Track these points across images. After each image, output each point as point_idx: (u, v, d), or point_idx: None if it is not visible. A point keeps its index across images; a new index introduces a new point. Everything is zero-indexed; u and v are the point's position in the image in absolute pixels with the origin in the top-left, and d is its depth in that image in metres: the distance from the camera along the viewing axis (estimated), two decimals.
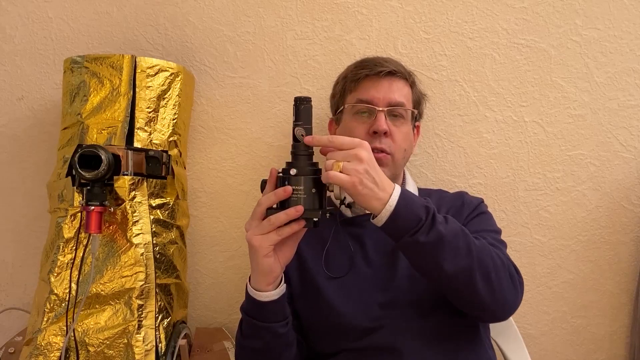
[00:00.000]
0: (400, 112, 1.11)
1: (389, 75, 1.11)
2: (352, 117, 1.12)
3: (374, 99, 1.09)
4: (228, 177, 1.38)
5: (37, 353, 1.06)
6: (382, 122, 1.07)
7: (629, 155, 1.36)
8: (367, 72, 1.11)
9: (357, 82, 1.12)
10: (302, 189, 0.85)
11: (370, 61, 1.14)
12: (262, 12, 1.36)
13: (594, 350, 1.39)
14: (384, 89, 1.10)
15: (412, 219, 0.86)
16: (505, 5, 1.35)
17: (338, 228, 1.09)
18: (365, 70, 1.12)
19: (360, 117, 1.11)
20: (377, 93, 1.10)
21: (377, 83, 1.11)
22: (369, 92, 1.10)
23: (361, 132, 1.09)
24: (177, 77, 1.21)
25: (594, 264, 1.38)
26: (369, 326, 1.00)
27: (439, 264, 0.87)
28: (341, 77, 1.18)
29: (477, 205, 1.14)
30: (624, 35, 1.34)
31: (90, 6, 1.37)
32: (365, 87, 1.11)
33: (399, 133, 1.10)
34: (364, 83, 1.12)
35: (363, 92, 1.11)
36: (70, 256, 1.10)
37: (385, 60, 1.14)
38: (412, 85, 1.16)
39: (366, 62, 1.15)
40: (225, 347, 1.26)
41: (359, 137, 1.06)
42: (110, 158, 1.04)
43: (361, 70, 1.12)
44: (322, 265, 1.07)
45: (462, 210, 1.11)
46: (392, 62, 1.14)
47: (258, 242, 0.86)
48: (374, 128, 1.07)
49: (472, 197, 1.17)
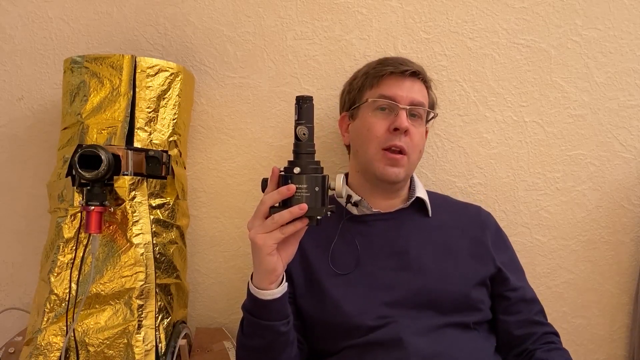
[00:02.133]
0: (420, 112, 1.12)
1: (413, 75, 1.12)
2: (372, 112, 1.12)
3: (396, 96, 1.10)
4: (228, 177, 1.38)
5: (37, 353, 1.06)
6: (404, 119, 1.07)
7: (629, 155, 1.36)
8: (392, 70, 1.12)
9: (380, 78, 1.12)
10: (306, 187, 0.85)
11: (394, 60, 1.15)
12: (262, 12, 1.36)
13: (594, 350, 1.39)
14: (407, 87, 1.11)
15: None
16: (505, 5, 1.35)
17: (344, 226, 1.09)
18: (390, 67, 1.12)
19: (380, 114, 1.11)
20: (400, 91, 1.10)
21: (400, 81, 1.11)
22: (392, 89, 1.10)
23: (381, 128, 1.09)
24: (177, 77, 1.21)
25: (594, 264, 1.38)
26: (373, 324, 1.00)
27: None
28: (361, 73, 1.18)
29: (497, 229, 1.17)
30: (624, 35, 1.34)
31: (90, 6, 1.37)
32: (389, 84, 1.11)
33: (417, 133, 1.11)
34: (388, 80, 1.12)
35: (386, 89, 1.11)
36: (70, 256, 1.10)
37: (409, 61, 1.15)
38: (429, 89, 1.17)
39: (390, 60, 1.15)
40: (225, 347, 1.26)
41: (378, 133, 1.09)
42: (110, 158, 1.04)
43: (386, 67, 1.13)
44: (329, 263, 1.07)
45: (484, 232, 1.13)
46: (414, 63, 1.15)
47: (262, 241, 0.86)
48: (396, 124, 1.07)
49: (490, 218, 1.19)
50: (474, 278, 1.07)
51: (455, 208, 1.18)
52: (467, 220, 1.15)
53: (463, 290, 1.05)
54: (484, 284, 1.08)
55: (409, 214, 1.13)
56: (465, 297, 1.05)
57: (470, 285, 1.06)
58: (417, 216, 1.13)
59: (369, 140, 1.10)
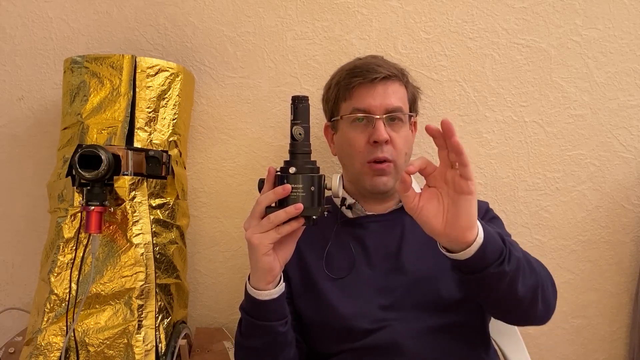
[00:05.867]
0: (399, 116, 1.08)
1: (383, 80, 1.07)
2: (349, 126, 1.09)
3: (370, 107, 1.06)
4: (228, 177, 1.38)
5: (37, 353, 1.06)
6: (382, 131, 1.04)
7: (629, 155, 1.36)
8: (360, 80, 1.07)
9: (351, 90, 1.08)
10: (301, 187, 0.85)
11: (362, 67, 1.10)
12: (262, 12, 1.36)
13: (594, 350, 1.39)
14: (379, 95, 1.07)
15: (497, 249, 0.84)
16: (505, 5, 1.34)
17: (339, 229, 1.09)
18: (358, 78, 1.08)
19: (357, 126, 1.08)
20: (373, 100, 1.06)
21: (371, 90, 1.07)
22: (364, 100, 1.07)
23: (361, 142, 1.07)
24: (177, 77, 1.21)
25: (594, 264, 1.37)
26: (370, 328, 1.00)
27: (514, 289, 0.86)
28: (334, 83, 1.14)
29: (487, 210, 1.14)
30: (624, 35, 1.34)
31: (90, 6, 1.37)
32: (360, 95, 1.07)
33: (399, 138, 1.08)
34: (358, 91, 1.08)
35: (358, 101, 1.07)
36: (70, 256, 1.10)
37: (377, 64, 1.10)
38: (407, 85, 1.13)
39: (358, 69, 1.10)
40: (225, 347, 1.26)
41: (360, 148, 1.07)
42: (110, 158, 1.04)
43: (354, 78, 1.08)
44: (323, 267, 1.07)
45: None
46: (384, 64, 1.11)
47: (258, 241, 0.86)
48: (374, 138, 1.04)
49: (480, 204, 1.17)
50: None
51: None
52: None
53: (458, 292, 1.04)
54: None
55: (402, 215, 1.11)
56: (460, 299, 1.04)
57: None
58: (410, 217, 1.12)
59: (352, 155, 1.08)
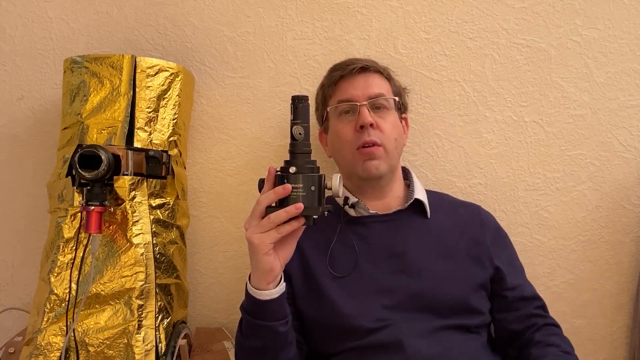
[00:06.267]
0: (382, 102, 1.12)
1: (363, 71, 1.13)
2: (337, 119, 1.13)
3: (353, 96, 1.11)
4: (228, 177, 1.38)
5: (37, 353, 1.06)
6: (365, 114, 1.08)
7: (629, 155, 1.36)
8: (340, 73, 1.13)
9: (334, 86, 1.14)
10: (301, 186, 0.85)
11: (342, 63, 1.17)
12: (262, 12, 1.36)
13: (594, 350, 1.39)
14: (360, 84, 1.12)
15: None
16: (505, 5, 1.34)
17: (343, 228, 1.09)
18: (338, 71, 1.14)
19: (344, 118, 1.12)
20: (354, 90, 1.12)
21: (352, 81, 1.13)
22: (347, 91, 1.12)
23: (349, 132, 1.10)
24: (177, 77, 1.22)
25: (594, 264, 1.37)
26: (372, 327, 1.00)
27: None
28: (319, 88, 1.20)
29: (497, 228, 1.17)
30: (624, 35, 1.34)
31: (90, 6, 1.37)
32: (343, 88, 1.13)
33: (385, 123, 1.11)
34: (340, 84, 1.14)
35: (342, 93, 1.13)
36: (70, 256, 1.10)
37: (356, 59, 1.16)
38: (389, 79, 1.18)
39: (338, 65, 1.17)
40: (225, 347, 1.26)
41: (348, 137, 1.10)
42: (110, 158, 1.04)
43: (334, 72, 1.15)
44: (327, 265, 1.07)
45: (484, 232, 1.13)
46: (363, 59, 1.17)
47: (258, 240, 0.86)
48: (360, 122, 1.08)
49: (489, 217, 1.19)
50: (472, 281, 1.07)
51: (455, 208, 1.18)
52: (466, 220, 1.15)
53: (462, 293, 1.05)
54: (483, 287, 1.08)
55: (407, 216, 1.12)
56: (463, 300, 1.04)
57: (468, 289, 1.06)
58: (415, 218, 1.13)
59: (342, 145, 1.12)
